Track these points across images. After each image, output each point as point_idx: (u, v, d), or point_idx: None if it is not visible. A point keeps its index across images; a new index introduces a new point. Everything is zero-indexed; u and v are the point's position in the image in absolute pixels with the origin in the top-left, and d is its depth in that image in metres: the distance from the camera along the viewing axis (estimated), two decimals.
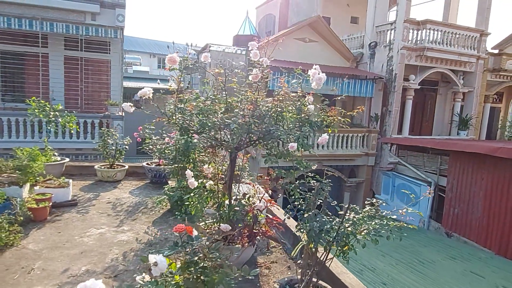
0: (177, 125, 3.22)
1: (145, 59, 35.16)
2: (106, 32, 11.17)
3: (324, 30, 14.62)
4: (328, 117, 3.20)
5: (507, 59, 16.11)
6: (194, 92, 3.65)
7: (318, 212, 2.61)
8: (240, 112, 3.18)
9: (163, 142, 6.09)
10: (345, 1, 18.80)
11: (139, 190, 6.18)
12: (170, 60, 3.16)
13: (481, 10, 15.59)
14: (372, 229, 2.35)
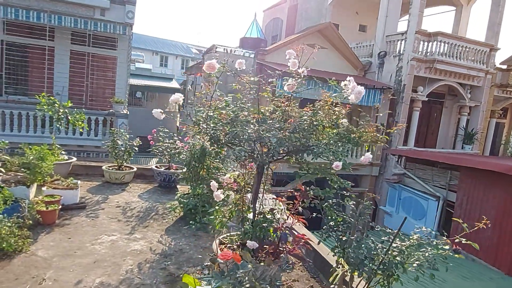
0: (207, 135, 3.01)
1: (148, 56, 34.94)
2: (115, 28, 10.96)
3: (334, 37, 14.49)
4: (365, 133, 3.03)
5: None
6: (224, 99, 3.45)
7: (362, 237, 2.42)
8: (276, 124, 2.99)
9: (176, 146, 5.90)
10: (354, 8, 18.69)
11: (148, 194, 5.97)
12: (209, 67, 2.98)
13: (492, 24, 15.54)
14: (425, 260, 2.17)
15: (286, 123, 3.03)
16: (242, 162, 3.21)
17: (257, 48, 17.54)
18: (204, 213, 4.64)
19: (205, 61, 14.72)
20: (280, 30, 21.27)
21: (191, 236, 4.45)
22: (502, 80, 16.08)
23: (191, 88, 22.47)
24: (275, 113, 3.27)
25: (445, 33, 13.98)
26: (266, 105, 3.64)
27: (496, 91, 16.16)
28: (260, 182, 3.43)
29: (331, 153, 2.76)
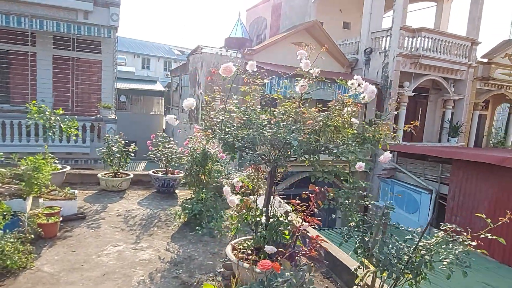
0: (221, 140, 2.92)
1: (129, 59, 34.38)
2: (99, 31, 10.72)
3: (320, 35, 14.55)
4: (379, 132, 3.01)
5: (495, 68, 16.51)
6: (232, 101, 3.37)
7: (388, 237, 2.40)
8: (291, 126, 2.94)
9: (175, 150, 5.79)
10: (337, 6, 18.82)
11: (147, 200, 5.84)
12: (226, 70, 2.90)
13: (472, 19, 15.91)
14: (455, 258, 2.16)
15: (302, 124, 2.97)
16: (256, 166, 3.14)
17: (242, 48, 17.47)
18: (209, 218, 4.57)
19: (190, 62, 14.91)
20: (264, 29, 21.23)
21: (198, 242, 4.36)
22: (484, 73, 16.48)
23: (177, 90, 22.21)
24: (286, 115, 3.21)
25: (428, 28, 14.24)
26: (255, 105, 3.55)
27: (478, 84, 16.57)
28: (272, 184, 3.38)
29: (350, 153, 2.73)
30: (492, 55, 16.58)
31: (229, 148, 2.89)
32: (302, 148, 2.77)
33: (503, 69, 16.85)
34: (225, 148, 2.91)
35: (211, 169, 5.05)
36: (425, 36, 14.04)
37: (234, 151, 2.91)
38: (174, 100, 22.80)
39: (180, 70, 21.46)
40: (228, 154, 2.94)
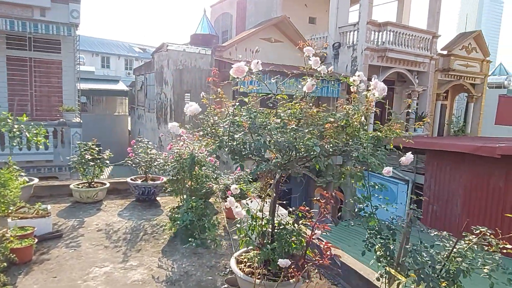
0: (228, 148, 2.63)
1: (87, 58, 32.74)
2: (58, 29, 9.95)
3: (289, 30, 14.46)
4: (391, 131, 2.88)
5: (454, 60, 17.23)
6: (231, 104, 3.07)
7: (419, 244, 2.26)
8: (304, 130, 2.72)
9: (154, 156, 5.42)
10: (303, 1, 18.83)
11: (128, 211, 5.42)
12: (238, 71, 2.61)
13: (432, 13, 16.48)
14: (496, 264, 2.05)
15: (315, 127, 2.77)
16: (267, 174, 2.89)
17: (209, 44, 17.07)
18: (202, 228, 4.28)
19: (155, 60, 14.29)
20: (230, 25, 20.86)
21: (192, 255, 4.06)
22: (444, 65, 17.15)
23: (141, 89, 21.35)
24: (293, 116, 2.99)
25: (394, 23, 14.58)
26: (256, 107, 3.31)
27: (439, 76, 17.23)
28: (278, 191, 3.16)
29: (372, 157, 2.57)
30: (451, 47, 17.29)
31: (237, 157, 2.62)
32: (323, 153, 2.58)
33: (461, 61, 17.63)
34: (233, 157, 2.64)
35: (199, 174, 4.75)
36: (391, 30, 14.35)
37: (243, 159, 2.66)
38: (139, 100, 21.92)
39: (144, 68, 20.64)
40: (236, 163, 2.68)
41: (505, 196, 8.00)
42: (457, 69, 17.47)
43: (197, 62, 14.27)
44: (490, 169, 7.95)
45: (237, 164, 2.68)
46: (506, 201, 8.00)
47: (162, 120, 18.31)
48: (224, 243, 4.41)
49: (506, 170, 7.87)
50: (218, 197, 5.02)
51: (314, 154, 2.57)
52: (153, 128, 19.44)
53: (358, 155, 2.55)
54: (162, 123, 18.35)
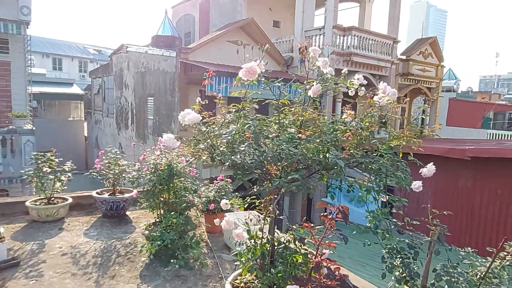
0: (229, 163, 2.25)
1: (37, 59, 30.63)
2: (5, 27, 9.04)
3: (256, 33, 14.26)
4: (403, 138, 2.68)
5: (413, 64, 17.92)
6: (225, 110, 2.71)
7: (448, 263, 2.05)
8: (316, 140, 2.45)
9: (123, 167, 4.91)
10: (267, 4, 18.75)
11: (95, 229, 4.85)
12: (249, 72, 2.27)
13: (392, 19, 17.03)
14: None
15: (329, 136, 2.50)
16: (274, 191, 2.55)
17: (171, 46, 16.45)
18: (184, 247, 3.86)
19: (114, 62, 13.50)
20: (193, 27, 20.33)
21: (175, 279, 3.64)
22: (403, 69, 17.79)
23: (99, 93, 20.21)
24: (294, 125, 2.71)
25: (358, 27, 14.86)
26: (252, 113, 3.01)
27: (399, 80, 17.84)
28: (280, 207, 2.84)
29: (399, 171, 2.34)
30: (409, 52, 17.96)
31: (239, 172, 2.27)
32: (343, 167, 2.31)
33: (418, 65, 18.38)
34: (235, 172, 2.28)
35: (177, 186, 4.32)
36: (355, 35, 14.61)
37: (245, 175, 2.31)
38: (97, 104, 20.73)
39: (102, 71, 19.55)
40: (238, 179, 2.33)
41: (473, 196, 8.27)
42: (415, 74, 18.19)
43: (161, 65, 13.65)
44: (459, 171, 8.19)
45: (239, 180, 2.34)
46: (474, 201, 8.27)
47: (122, 126, 17.39)
48: (208, 262, 4.02)
49: (474, 171, 8.13)
50: (198, 210, 4.61)
51: (338, 169, 2.29)
52: (113, 134, 18.42)
53: (380, 167, 2.31)
54: (122, 129, 17.43)
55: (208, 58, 13.05)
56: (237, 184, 2.28)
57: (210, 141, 2.32)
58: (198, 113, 2.33)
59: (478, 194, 8.18)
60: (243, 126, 2.36)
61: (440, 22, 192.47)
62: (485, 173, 8.12)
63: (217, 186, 4.86)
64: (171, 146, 2.27)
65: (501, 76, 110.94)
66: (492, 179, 8.05)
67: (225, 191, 4.86)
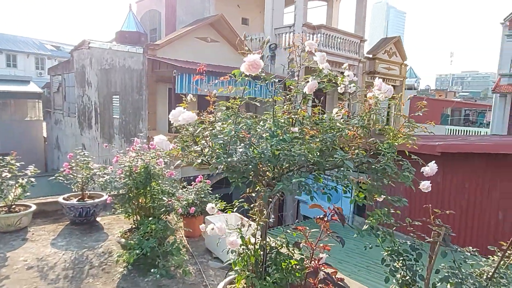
0: (225, 165, 2.03)
1: None
2: None
3: (226, 30, 14.02)
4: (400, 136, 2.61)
5: (379, 63, 18.39)
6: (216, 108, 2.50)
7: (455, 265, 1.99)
8: (315, 139, 2.32)
9: (100, 171, 4.56)
10: (235, 2, 18.53)
11: (63, 238, 4.48)
12: (253, 66, 2.07)
13: (358, 18, 17.35)
14: None
15: (329, 136, 2.37)
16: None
17: (137, 42, 15.88)
18: (164, 255, 3.63)
19: (75, 59, 12.78)
20: (159, 23, 19.73)
21: None
22: (370, 68, 18.21)
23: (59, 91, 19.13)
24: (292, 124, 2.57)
25: (327, 26, 15.01)
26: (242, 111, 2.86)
27: (366, 78, 18.25)
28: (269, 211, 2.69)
29: (404, 171, 2.25)
30: (375, 51, 18.41)
31: (236, 175, 2.08)
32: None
33: (384, 64, 18.89)
34: (232, 176, 2.10)
35: (155, 190, 4.06)
36: (324, 33, 14.73)
37: (242, 177, 2.13)
38: (57, 103, 19.62)
39: (62, 68, 18.50)
40: (235, 183, 2.14)
41: (443, 191, 8.54)
42: (381, 72, 18.67)
43: (127, 61, 13.08)
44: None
45: (236, 185, 2.16)
46: (444, 196, 8.55)
47: (85, 125, 16.56)
48: (191, 269, 3.80)
49: (443, 166, 8.39)
50: (177, 214, 4.37)
51: (344, 171, 2.18)
52: (75, 134, 17.51)
53: (385, 167, 2.22)
54: (85, 129, 16.60)
55: (176, 55, 12.66)
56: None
57: (205, 142, 2.12)
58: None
59: (447, 188, 8.47)
60: (237, 125, 2.19)
61: (399, 23, 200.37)
62: (454, 168, 8.41)
63: (196, 188, 4.63)
64: (163, 149, 2.03)
65: (455, 74, 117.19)
66: (460, 173, 8.35)
67: (204, 192, 4.64)
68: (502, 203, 7.65)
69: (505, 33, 20.24)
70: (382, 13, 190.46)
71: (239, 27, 18.59)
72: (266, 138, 2.30)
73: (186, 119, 1.94)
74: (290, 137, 2.20)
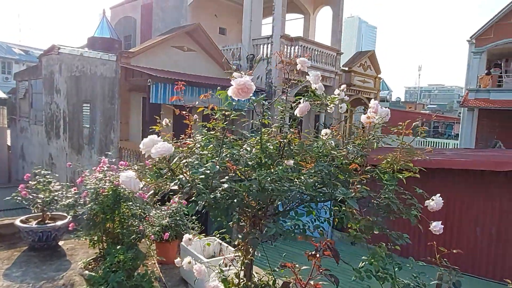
0: (206, 201, 1.74)
1: None
2: None
3: (203, 39, 13.77)
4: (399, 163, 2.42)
5: (354, 76, 18.64)
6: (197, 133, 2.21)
7: None
8: (310, 171, 2.08)
9: (62, 193, 4.14)
10: (212, 11, 18.32)
11: (18, 267, 4.00)
12: (243, 91, 1.80)
13: (334, 32, 17.55)
14: None
15: (325, 167, 2.13)
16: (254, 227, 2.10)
17: (110, 49, 15.31)
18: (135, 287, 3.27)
19: (44, 64, 12.15)
20: (134, 30, 19.25)
21: None
22: (346, 80, 18.40)
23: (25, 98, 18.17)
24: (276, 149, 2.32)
25: (305, 38, 15.06)
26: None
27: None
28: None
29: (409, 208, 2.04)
30: (351, 64, 18.66)
31: (220, 213, 1.79)
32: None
33: (359, 77, 19.18)
34: (214, 213, 1.80)
35: (124, 214, 3.69)
36: (302, 45, 14.74)
37: (227, 216, 1.84)
38: (23, 110, 18.63)
39: (29, 73, 17.61)
40: (218, 222, 1.85)
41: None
42: (357, 85, 18.93)
43: (99, 69, 12.53)
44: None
45: (219, 223, 1.88)
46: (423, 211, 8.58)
47: (53, 134, 15.73)
48: None
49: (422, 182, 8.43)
50: (149, 240, 4.00)
51: (344, 209, 1.95)
52: (42, 144, 16.60)
53: (389, 203, 2.00)
54: (53, 138, 15.77)
55: (152, 64, 12.27)
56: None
57: (184, 178, 1.81)
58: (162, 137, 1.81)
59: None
60: (218, 153, 1.91)
61: (371, 37, 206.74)
62: (432, 183, 8.45)
63: (170, 210, 4.28)
64: (132, 189, 1.72)
65: (422, 87, 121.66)
66: (438, 188, 8.40)
67: (179, 215, 4.30)
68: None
69: (471, 50, 21.06)
70: (354, 28, 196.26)
71: (216, 37, 18.36)
72: (252, 166, 2.04)
73: (160, 152, 1.63)
74: (283, 170, 1.94)
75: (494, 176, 7.56)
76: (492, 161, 8.22)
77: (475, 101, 19.62)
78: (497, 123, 16.34)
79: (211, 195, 1.68)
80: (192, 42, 13.76)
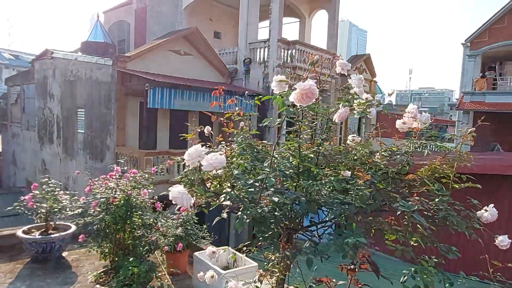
0: (255, 216, 1.58)
1: None
2: None
3: (200, 43, 13.63)
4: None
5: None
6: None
7: None
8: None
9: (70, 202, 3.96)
10: (207, 15, 18.23)
11: (22, 281, 3.81)
12: (307, 95, 1.69)
13: (330, 35, 17.58)
14: None
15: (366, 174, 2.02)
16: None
17: (104, 53, 15.09)
18: None
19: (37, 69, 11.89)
20: (127, 35, 19.06)
21: None
22: (342, 84, 18.44)
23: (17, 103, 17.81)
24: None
25: (302, 42, 15.05)
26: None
27: (339, 94, 18.44)
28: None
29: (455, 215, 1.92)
30: None
31: (265, 229, 1.62)
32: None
33: None
34: (259, 229, 1.62)
35: (136, 224, 3.54)
36: (299, 49, 14.72)
37: (271, 230, 1.69)
38: (14, 115, 18.25)
39: (21, 78, 17.27)
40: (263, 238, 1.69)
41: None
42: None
43: (94, 73, 12.31)
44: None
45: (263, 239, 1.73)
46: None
47: (46, 140, 15.41)
48: None
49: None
50: (162, 252, 3.85)
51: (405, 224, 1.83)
52: (34, 150, 16.25)
53: (446, 216, 1.85)
54: (46, 144, 15.45)
55: (148, 68, 12.09)
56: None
57: (234, 193, 1.63)
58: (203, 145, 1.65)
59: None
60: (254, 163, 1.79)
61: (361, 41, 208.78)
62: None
63: (181, 219, 4.13)
64: (184, 205, 1.53)
65: (413, 90, 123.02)
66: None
67: (190, 223, 4.16)
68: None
69: (466, 54, 21.27)
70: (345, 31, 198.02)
71: (211, 41, 18.22)
72: (290, 175, 1.92)
73: (213, 165, 1.46)
74: (337, 180, 1.82)
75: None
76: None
77: (471, 104, 19.80)
78: (493, 126, 16.48)
79: (258, 210, 1.54)
80: (189, 46, 13.62)
